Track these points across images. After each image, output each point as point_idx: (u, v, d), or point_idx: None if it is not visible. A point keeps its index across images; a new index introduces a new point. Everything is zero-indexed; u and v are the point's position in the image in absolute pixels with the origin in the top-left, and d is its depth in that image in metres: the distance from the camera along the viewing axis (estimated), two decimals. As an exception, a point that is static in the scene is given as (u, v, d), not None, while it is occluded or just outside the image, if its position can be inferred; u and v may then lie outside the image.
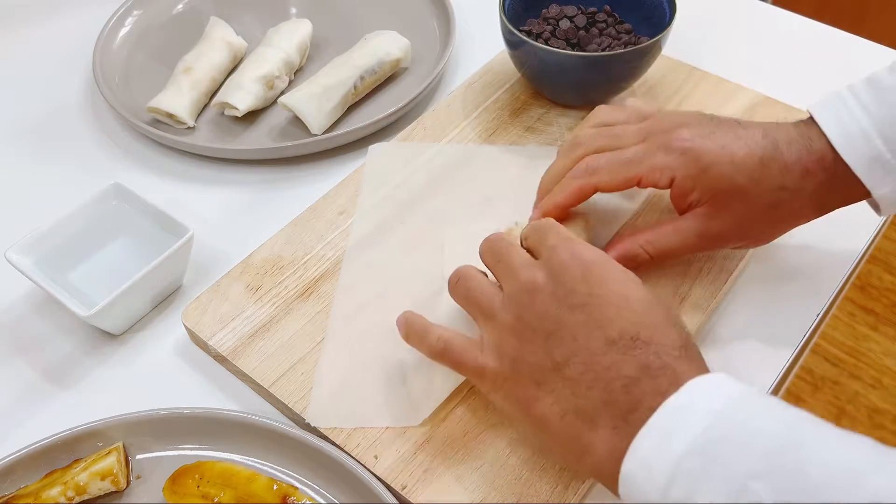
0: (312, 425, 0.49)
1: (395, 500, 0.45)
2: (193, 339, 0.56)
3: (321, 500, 0.48)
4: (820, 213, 0.51)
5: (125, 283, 0.54)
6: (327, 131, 0.70)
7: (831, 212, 0.51)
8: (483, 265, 0.48)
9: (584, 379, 0.39)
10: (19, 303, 0.60)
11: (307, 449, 0.48)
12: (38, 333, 0.58)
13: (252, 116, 0.73)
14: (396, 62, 0.74)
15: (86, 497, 0.47)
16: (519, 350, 0.42)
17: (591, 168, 0.51)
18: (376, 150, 0.66)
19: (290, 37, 0.75)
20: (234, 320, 0.55)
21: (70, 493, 0.47)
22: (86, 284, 0.58)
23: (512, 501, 0.46)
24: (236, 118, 0.72)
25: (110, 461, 0.47)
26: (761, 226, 0.51)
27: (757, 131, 0.49)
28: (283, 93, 0.74)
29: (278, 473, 0.49)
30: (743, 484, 0.32)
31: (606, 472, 0.38)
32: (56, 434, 0.49)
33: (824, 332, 1.55)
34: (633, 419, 0.37)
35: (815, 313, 0.56)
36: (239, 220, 0.66)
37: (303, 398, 0.51)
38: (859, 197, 0.50)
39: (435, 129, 0.68)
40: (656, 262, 0.52)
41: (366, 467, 0.47)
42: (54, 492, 0.46)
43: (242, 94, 0.71)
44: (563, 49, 0.66)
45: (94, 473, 0.47)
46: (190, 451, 0.50)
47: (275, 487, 0.47)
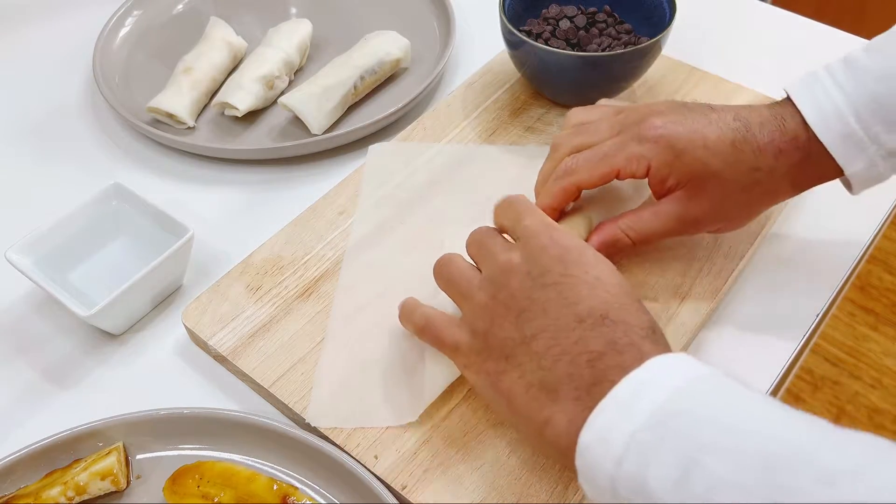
0: (312, 425, 0.49)
1: (395, 500, 0.45)
2: (193, 339, 0.56)
3: (321, 500, 0.48)
4: (795, 192, 0.52)
5: (125, 283, 0.54)
6: (327, 131, 0.70)
7: (807, 190, 0.52)
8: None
9: (551, 353, 0.40)
10: (19, 303, 0.60)
11: (307, 449, 0.48)
12: (38, 333, 0.58)
13: (252, 116, 0.73)
14: (396, 62, 0.74)
15: (86, 497, 0.47)
16: (491, 326, 0.43)
17: (569, 168, 0.52)
18: (376, 150, 0.66)
19: (290, 37, 0.76)
20: (234, 320, 0.55)
21: (70, 493, 0.47)
22: (86, 284, 0.58)
23: (512, 501, 0.46)
24: (236, 118, 0.72)
25: (110, 461, 0.47)
26: (738, 207, 0.52)
27: (728, 114, 0.50)
28: (283, 93, 0.74)
29: (278, 473, 0.49)
30: (694, 458, 0.33)
31: (565, 444, 0.38)
32: (56, 434, 0.49)
33: (824, 332, 1.55)
34: (595, 392, 0.38)
35: (815, 313, 0.56)
36: (239, 220, 0.66)
37: (303, 398, 0.51)
38: (833, 175, 0.51)
39: (435, 129, 0.68)
40: (638, 247, 0.52)
41: (366, 467, 0.47)
42: (54, 492, 0.46)
43: (242, 94, 0.71)
44: (563, 49, 0.66)
45: (94, 473, 0.47)
46: (190, 451, 0.50)
47: (275, 487, 0.47)
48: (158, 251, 0.55)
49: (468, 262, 0.48)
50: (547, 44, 0.66)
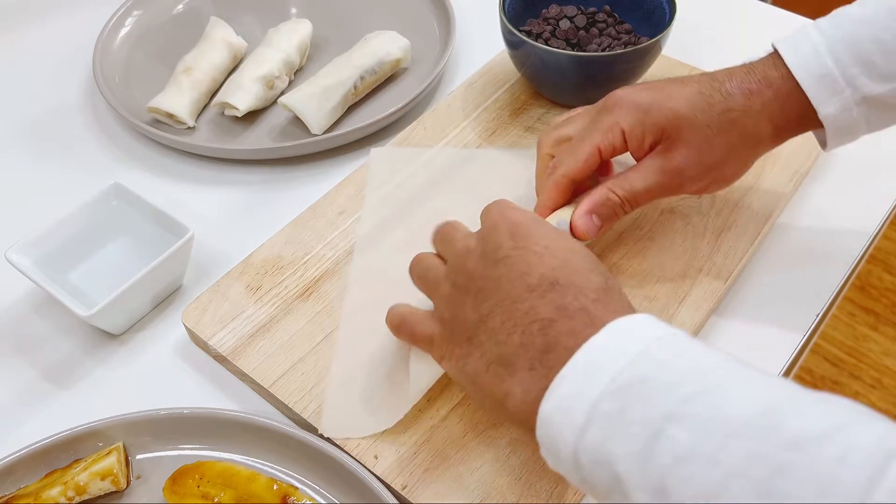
0: (326, 436, 0.49)
1: (395, 500, 0.45)
2: (193, 339, 0.56)
3: (321, 500, 0.48)
4: (778, 138, 0.52)
5: (125, 283, 0.54)
6: (327, 131, 0.70)
7: (791, 138, 0.53)
8: None
9: (505, 327, 0.40)
10: (19, 303, 0.60)
11: (307, 449, 0.48)
12: (38, 333, 0.58)
13: (252, 116, 0.73)
14: (396, 62, 0.74)
15: (86, 497, 0.47)
16: (455, 312, 0.43)
17: (555, 163, 0.53)
18: (377, 153, 0.66)
19: (290, 37, 0.76)
20: (234, 320, 0.55)
21: (70, 493, 0.47)
22: (86, 284, 0.58)
23: (512, 501, 0.46)
24: (236, 118, 0.72)
25: (110, 461, 0.47)
26: (720, 153, 0.51)
27: (694, 75, 0.52)
28: (283, 93, 0.74)
29: (278, 473, 0.49)
30: (660, 428, 0.32)
31: (524, 415, 0.38)
32: (56, 434, 0.49)
33: (824, 332, 1.55)
34: (548, 360, 0.38)
35: (815, 313, 0.56)
36: (239, 220, 0.66)
37: (303, 398, 0.51)
38: (810, 122, 0.51)
39: (435, 129, 0.68)
40: (629, 206, 0.52)
41: (366, 467, 0.47)
42: (54, 492, 0.46)
43: (242, 94, 0.71)
44: (563, 49, 0.66)
45: (94, 473, 0.47)
46: (190, 451, 0.50)
47: (275, 487, 0.47)
48: (158, 251, 0.55)
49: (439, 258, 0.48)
50: (547, 44, 0.66)
